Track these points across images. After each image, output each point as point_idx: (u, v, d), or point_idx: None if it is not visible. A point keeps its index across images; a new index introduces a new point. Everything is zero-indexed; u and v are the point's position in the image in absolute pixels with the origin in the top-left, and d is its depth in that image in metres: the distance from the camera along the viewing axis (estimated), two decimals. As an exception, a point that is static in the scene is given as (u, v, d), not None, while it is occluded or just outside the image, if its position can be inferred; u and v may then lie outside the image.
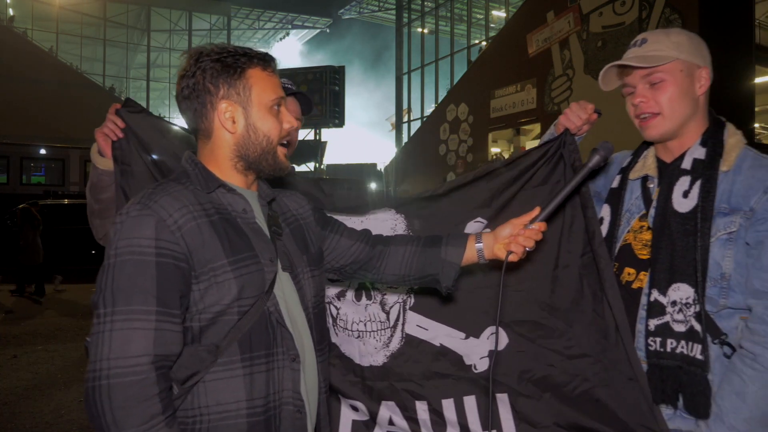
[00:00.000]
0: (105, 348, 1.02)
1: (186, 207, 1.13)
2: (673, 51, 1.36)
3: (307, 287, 1.30)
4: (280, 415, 1.17)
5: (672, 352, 1.30)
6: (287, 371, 1.19)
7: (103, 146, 1.56)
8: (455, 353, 1.72)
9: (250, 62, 1.21)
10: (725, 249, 1.27)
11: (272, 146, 1.24)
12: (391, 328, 1.75)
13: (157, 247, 1.07)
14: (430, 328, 1.74)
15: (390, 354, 1.74)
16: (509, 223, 1.37)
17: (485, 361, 1.69)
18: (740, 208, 1.27)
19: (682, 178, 1.35)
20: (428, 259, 1.43)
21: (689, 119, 1.38)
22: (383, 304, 1.76)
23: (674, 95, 1.36)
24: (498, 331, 1.41)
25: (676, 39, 1.38)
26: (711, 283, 1.28)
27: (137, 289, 1.04)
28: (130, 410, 1.00)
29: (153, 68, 33.05)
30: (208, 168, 1.23)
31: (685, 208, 1.32)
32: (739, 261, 1.26)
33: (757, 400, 1.18)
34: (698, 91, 1.38)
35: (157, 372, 1.03)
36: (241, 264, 1.15)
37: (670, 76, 1.36)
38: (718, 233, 1.28)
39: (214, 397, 1.12)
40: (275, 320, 1.18)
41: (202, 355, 1.11)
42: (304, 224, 1.40)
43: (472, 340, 1.71)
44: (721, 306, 1.28)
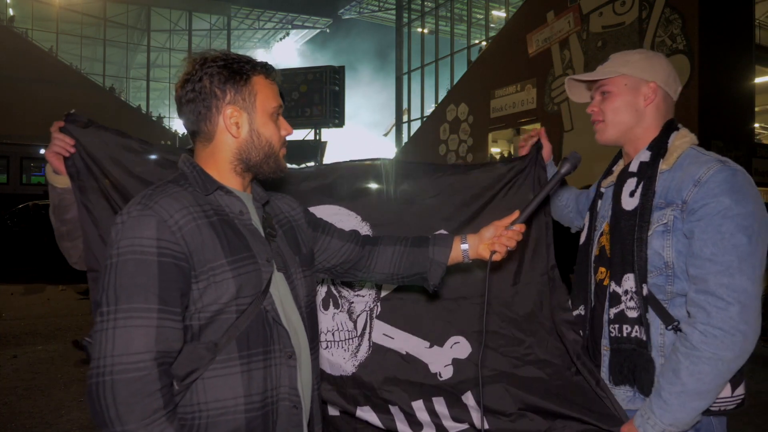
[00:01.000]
0: (108, 345, 1.04)
1: (186, 208, 1.15)
2: (622, 67, 1.53)
3: (300, 287, 1.34)
4: (277, 410, 1.21)
5: (628, 337, 1.43)
6: (284, 368, 1.22)
7: (56, 165, 1.55)
8: (420, 361, 1.76)
9: (254, 70, 1.26)
10: (663, 240, 1.39)
11: (274, 151, 1.28)
12: (358, 337, 1.79)
13: (158, 246, 1.09)
14: (396, 337, 1.78)
15: (359, 363, 1.78)
16: (492, 225, 1.47)
17: (449, 369, 1.75)
18: (673, 201, 1.39)
19: (630, 179, 1.50)
20: (416, 259, 1.50)
21: (633, 128, 1.52)
22: (350, 313, 1.79)
23: (617, 106, 1.53)
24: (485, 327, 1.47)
25: (629, 57, 1.54)
26: (657, 272, 1.40)
27: (139, 287, 1.07)
28: (133, 405, 1.03)
29: (153, 68, 33.08)
30: (206, 170, 1.26)
31: (630, 206, 1.46)
32: (680, 250, 1.37)
33: (688, 376, 1.29)
34: (643, 103, 1.51)
35: (159, 368, 1.06)
36: (240, 264, 1.17)
37: (615, 88, 1.53)
38: (654, 225, 1.40)
39: (213, 393, 1.14)
40: (272, 318, 1.21)
41: (201, 352, 1.14)
42: (296, 226, 1.44)
43: (436, 348, 1.76)
44: (669, 293, 1.39)
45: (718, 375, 1.29)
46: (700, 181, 1.35)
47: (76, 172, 1.54)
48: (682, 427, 1.33)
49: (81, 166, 1.54)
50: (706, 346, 1.27)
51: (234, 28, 35.18)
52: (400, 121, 27.68)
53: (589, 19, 16.64)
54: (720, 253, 1.29)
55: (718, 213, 1.30)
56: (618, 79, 1.53)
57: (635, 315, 1.41)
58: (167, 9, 31.86)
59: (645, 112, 1.52)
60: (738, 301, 1.26)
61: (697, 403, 1.31)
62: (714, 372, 1.28)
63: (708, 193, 1.33)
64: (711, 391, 1.30)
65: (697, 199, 1.34)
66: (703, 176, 1.35)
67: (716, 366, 1.27)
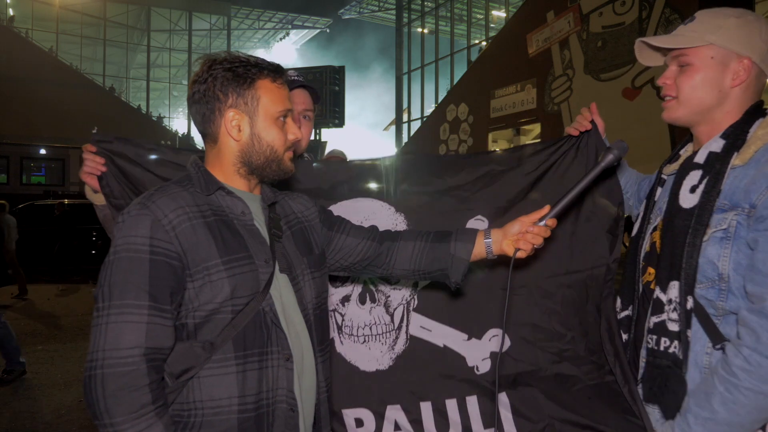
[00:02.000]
0: (101, 339, 1.07)
1: (182, 208, 1.17)
2: (710, 35, 1.24)
3: (307, 289, 1.32)
4: (273, 413, 1.20)
5: (665, 351, 1.27)
6: (281, 370, 1.21)
7: (92, 184, 1.58)
8: (458, 354, 1.74)
9: (260, 73, 1.24)
10: (721, 248, 1.19)
11: (276, 155, 1.27)
12: (396, 330, 1.77)
13: (151, 245, 1.11)
14: (434, 329, 1.76)
15: (396, 356, 1.76)
16: (518, 221, 1.38)
17: (487, 362, 1.72)
18: (739, 204, 1.18)
19: (693, 172, 1.28)
20: (437, 255, 1.44)
21: (711, 110, 1.28)
22: (387, 306, 1.77)
23: (697, 82, 1.27)
24: (504, 330, 1.43)
25: (722, 21, 1.25)
26: (708, 284, 1.21)
27: (131, 284, 1.09)
28: (120, 399, 1.05)
29: (153, 68, 33.09)
30: (213, 171, 1.27)
31: (688, 204, 1.25)
32: (739, 262, 1.17)
33: (721, 404, 1.13)
34: (729, 83, 1.26)
35: (148, 364, 1.08)
36: (235, 264, 1.18)
37: (698, 61, 1.27)
38: (711, 230, 1.20)
39: (207, 392, 1.15)
40: (270, 320, 1.21)
41: (196, 351, 1.15)
42: (308, 226, 1.42)
43: (474, 341, 1.74)
44: (720, 309, 1.21)
45: (757, 409, 1.10)
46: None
47: (110, 191, 1.57)
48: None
49: (114, 184, 1.57)
50: (746, 375, 1.09)
51: (234, 28, 35.19)
52: (401, 121, 27.67)
53: (589, 19, 16.64)
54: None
55: None
56: (703, 49, 1.25)
57: (676, 329, 1.24)
58: (167, 9, 31.87)
59: (730, 94, 1.26)
60: None
61: None
62: (751, 405, 1.10)
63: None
64: (746, 425, 1.13)
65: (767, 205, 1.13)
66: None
67: (755, 399, 1.09)
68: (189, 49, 32.71)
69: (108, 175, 1.56)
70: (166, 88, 35.52)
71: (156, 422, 1.07)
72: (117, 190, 1.56)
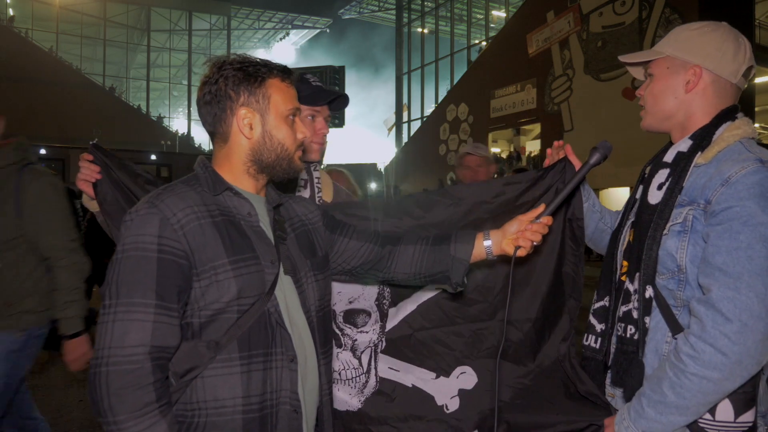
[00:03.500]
0: (107, 337, 1.08)
1: (190, 207, 1.17)
2: (667, 47, 1.36)
3: (310, 291, 1.33)
4: (277, 414, 1.21)
5: (630, 338, 1.34)
6: (285, 371, 1.21)
7: (87, 191, 1.60)
8: (427, 393, 1.74)
9: (270, 73, 1.27)
10: (679, 241, 1.26)
11: (287, 153, 1.29)
12: (365, 374, 1.77)
13: (159, 244, 1.12)
14: (402, 369, 1.76)
15: (365, 399, 1.75)
16: (516, 220, 1.41)
17: (456, 400, 1.72)
18: (696, 200, 1.24)
19: (662, 170, 1.36)
20: (438, 257, 1.46)
21: (673, 116, 1.37)
22: (354, 350, 1.77)
23: (656, 91, 1.38)
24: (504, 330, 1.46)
25: (679, 35, 1.36)
26: (668, 275, 1.28)
27: (138, 283, 1.10)
28: (124, 397, 1.05)
29: (153, 68, 33.10)
30: (221, 171, 1.28)
31: (654, 200, 1.33)
32: (695, 255, 1.23)
33: (669, 389, 1.20)
34: (683, 90, 1.34)
35: (153, 362, 1.08)
36: (242, 264, 1.18)
37: (657, 72, 1.38)
38: (670, 224, 1.27)
39: (212, 392, 1.15)
40: (275, 321, 1.21)
41: (201, 350, 1.15)
42: (312, 229, 1.43)
43: (442, 379, 1.73)
44: (679, 299, 1.27)
45: (702, 393, 1.17)
46: (729, 180, 1.18)
47: (104, 198, 1.59)
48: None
49: (107, 191, 1.59)
50: (692, 362, 1.16)
51: (234, 28, 35.20)
52: (401, 121, 27.68)
53: (589, 19, 16.64)
54: (731, 264, 1.15)
55: (740, 218, 1.15)
56: (660, 61, 1.36)
57: (637, 316, 1.32)
58: (167, 9, 31.88)
59: (686, 99, 1.34)
60: (739, 319, 1.12)
61: (676, 418, 1.20)
62: (697, 389, 1.16)
63: (734, 195, 1.17)
64: (692, 408, 1.19)
65: (720, 201, 1.18)
66: (733, 175, 1.18)
67: (700, 384, 1.16)
68: (189, 49, 32.72)
69: (102, 182, 1.58)
70: (166, 88, 35.54)
71: (159, 421, 1.07)
72: (110, 197, 1.58)
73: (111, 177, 1.60)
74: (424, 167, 23.18)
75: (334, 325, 1.77)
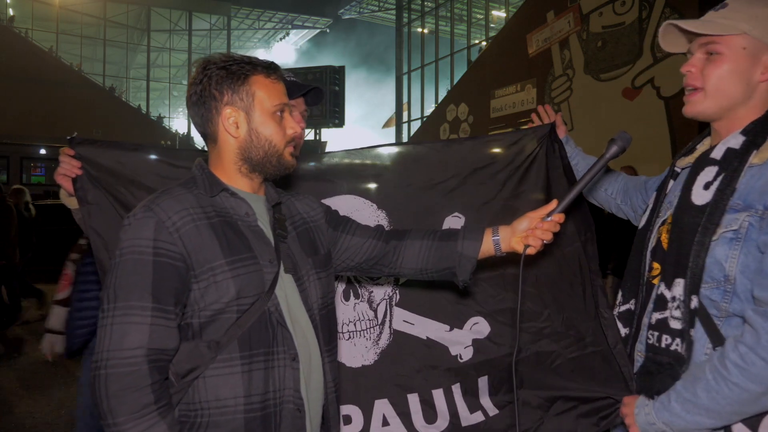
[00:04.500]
0: (106, 340, 1.09)
1: (186, 209, 1.18)
2: (744, 24, 1.18)
3: (312, 289, 1.33)
4: (281, 413, 1.21)
5: (666, 348, 1.26)
6: (288, 370, 1.22)
7: (66, 187, 1.57)
8: (441, 345, 1.79)
9: (253, 69, 1.26)
10: (729, 249, 1.16)
11: (276, 149, 1.28)
12: (379, 326, 1.80)
13: (154, 247, 1.13)
14: (416, 323, 1.79)
15: (380, 351, 1.79)
16: (526, 217, 1.39)
17: (469, 350, 1.77)
18: (753, 205, 1.14)
19: (708, 168, 1.24)
20: (444, 253, 1.45)
21: (737, 105, 1.23)
22: (371, 302, 1.81)
23: (725, 73, 1.21)
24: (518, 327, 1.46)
25: (757, 11, 1.19)
26: (713, 284, 1.19)
27: (135, 286, 1.11)
28: (123, 399, 1.06)
29: (153, 68, 33.05)
30: (216, 172, 1.28)
31: (701, 201, 1.22)
32: (747, 265, 1.14)
33: (705, 391, 1.14)
34: (758, 77, 1.20)
35: (150, 365, 1.09)
36: (239, 264, 1.18)
37: (728, 51, 1.20)
38: (722, 230, 1.17)
39: (213, 392, 1.16)
40: (275, 320, 1.21)
41: (202, 350, 1.15)
42: (314, 227, 1.43)
43: (456, 331, 1.79)
44: (723, 311, 1.19)
45: (738, 403, 1.12)
46: None
47: (84, 194, 1.55)
48: (675, 430, 1.20)
49: (88, 187, 1.56)
50: (737, 371, 1.10)
51: (234, 28, 35.15)
52: (401, 121, 27.66)
53: (589, 19, 16.63)
54: None
55: None
56: (736, 38, 1.19)
57: (679, 327, 1.22)
58: (167, 9, 31.83)
59: (757, 89, 1.21)
60: None
61: (703, 419, 1.16)
62: (733, 398, 1.11)
63: None
64: (723, 415, 1.14)
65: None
66: None
67: (738, 394, 1.11)
68: (189, 49, 32.69)
69: (83, 178, 1.55)
70: (166, 88, 35.49)
71: (159, 422, 1.08)
72: (91, 195, 1.55)
73: (92, 174, 1.55)
74: (424, 167, 23.13)
75: (352, 278, 1.80)
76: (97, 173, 1.56)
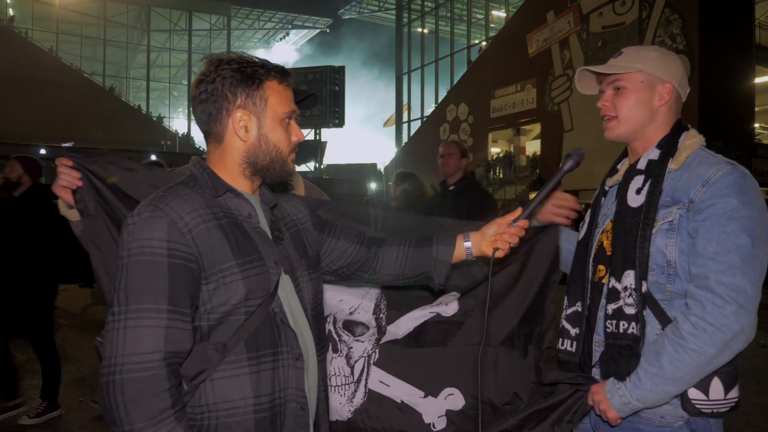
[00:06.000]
0: (119, 345, 1.06)
1: (196, 210, 1.16)
2: (638, 63, 1.50)
3: (306, 290, 1.34)
4: (284, 412, 1.21)
5: (624, 333, 1.44)
6: (292, 369, 1.22)
7: (66, 198, 1.52)
8: (415, 411, 1.76)
9: (268, 74, 1.25)
10: (668, 238, 1.40)
11: (282, 156, 1.28)
12: (355, 383, 1.78)
13: (168, 248, 1.10)
14: (392, 385, 1.78)
15: (354, 409, 1.77)
16: (494, 222, 1.48)
17: (443, 419, 1.74)
18: (680, 200, 1.40)
19: (637, 177, 1.50)
20: (421, 258, 1.51)
21: (645, 126, 1.52)
22: (348, 358, 1.79)
23: (631, 103, 1.50)
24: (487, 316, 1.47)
25: (646, 54, 1.53)
26: (658, 270, 1.41)
27: (149, 288, 1.08)
28: (140, 404, 1.04)
29: (153, 68, 33.12)
30: (217, 171, 1.27)
31: (636, 203, 1.47)
32: (683, 249, 1.39)
33: (669, 362, 1.34)
34: (657, 103, 1.50)
35: (168, 368, 1.07)
36: (249, 266, 1.18)
37: (630, 84, 1.51)
38: (659, 223, 1.41)
39: (221, 394, 1.15)
40: (280, 320, 1.22)
41: (209, 353, 1.15)
42: (303, 229, 1.44)
43: (431, 399, 1.76)
44: (668, 292, 1.41)
45: (698, 367, 1.33)
46: (708, 181, 1.36)
47: (85, 207, 1.50)
48: (647, 404, 1.38)
49: (89, 199, 1.51)
50: (693, 339, 1.31)
51: (234, 28, 35.23)
52: (401, 121, 27.69)
53: (589, 19, 16.65)
54: (723, 252, 1.32)
55: (725, 213, 1.33)
56: (634, 75, 1.51)
57: (633, 312, 1.42)
58: (167, 9, 31.90)
59: (658, 112, 1.51)
60: (735, 301, 1.29)
61: (670, 388, 1.36)
62: (694, 363, 1.32)
63: (716, 194, 1.35)
64: (686, 380, 1.35)
65: (704, 199, 1.36)
66: (712, 177, 1.36)
67: (697, 359, 1.31)
68: (189, 49, 32.74)
69: (83, 189, 1.50)
70: (166, 88, 35.56)
71: (176, 426, 1.07)
72: (92, 206, 1.50)
73: (93, 184, 1.51)
74: (424, 167, 23.11)
75: (333, 331, 1.79)
76: (98, 184, 1.51)
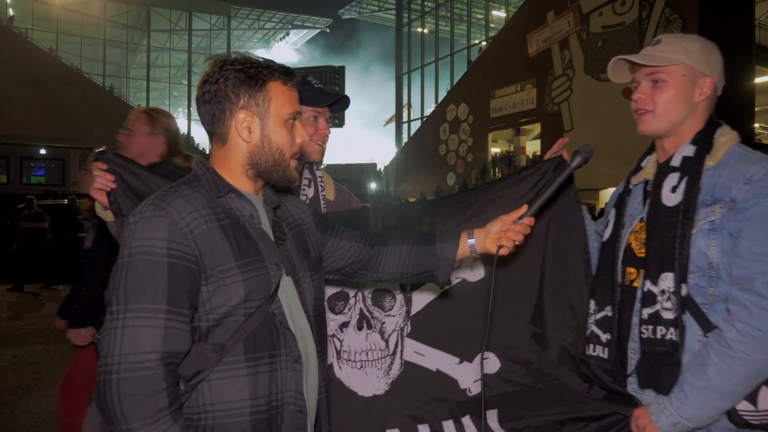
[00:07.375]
0: (117, 344, 1.06)
1: (198, 210, 1.16)
2: (681, 55, 1.42)
3: (308, 291, 1.34)
4: (282, 414, 1.21)
5: (662, 339, 1.36)
6: (290, 372, 1.22)
7: (102, 200, 1.59)
8: (451, 377, 1.79)
9: (271, 75, 1.25)
10: (709, 239, 1.32)
11: (284, 159, 1.28)
12: (390, 356, 1.82)
13: (169, 248, 1.10)
14: (427, 354, 1.81)
15: (391, 381, 1.80)
16: (499, 219, 1.44)
17: (478, 384, 1.76)
18: (722, 198, 1.32)
19: (671, 174, 1.43)
20: (424, 256, 1.49)
21: (683, 122, 1.44)
22: (382, 333, 1.82)
23: (671, 97, 1.43)
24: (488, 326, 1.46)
25: (688, 45, 1.44)
26: (700, 273, 1.33)
27: (148, 288, 1.08)
28: (138, 404, 1.04)
29: (153, 68, 33.06)
30: (220, 172, 1.27)
31: (672, 202, 1.39)
32: (725, 251, 1.31)
33: (716, 374, 1.24)
34: (697, 98, 1.43)
35: (165, 368, 1.07)
36: (249, 268, 1.18)
37: (671, 78, 1.43)
38: (700, 223, 1.34)
39: (218, 395, 1.15)
40: (279, 322, 1.22)
41: (207, 353, 1.15)
42: (305, 229, 1.44)
43: (466, 364, 1.79)
44: (710, 296, 1.33)
45: (748, 377, 1.24)
46: (751, 179, 1.30)
47: (118, 207, 1.57)
48: (698, 423, 1.28)
49: (123, 200, 1.57)
50: (741, 346, 1.22)
51: (234, 28, 35.18)
52: (401, 121, 27.68)
53: (589, 19, 16.63)
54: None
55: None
56: (676, 68, 1.42)
57: (671, 316, 1.34)
58: (167, 9, 31.85)
59: (697, 107, 1.44)
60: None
61: (720, 403, 1.26)
62: (744, 373, 1.23)
63: (761, 192, 1.28)
64: (737, 393, 1.25)
65: (748, 198, 1.28)
66: (755, 174, 1.30)
67: (748, 367, 1.22)
68: (189, 49, 32.70)
69: (117, 191, 1.56)
70: (166, 88, 35.52)
71: (172, 426, 1.07)
72: (125, 207, 1.56)
73: (126, 186, 1.57)
74: (424, 167, 23.17)
75: (364, 309, 1.82)
76: (131, 185, 1.58)
